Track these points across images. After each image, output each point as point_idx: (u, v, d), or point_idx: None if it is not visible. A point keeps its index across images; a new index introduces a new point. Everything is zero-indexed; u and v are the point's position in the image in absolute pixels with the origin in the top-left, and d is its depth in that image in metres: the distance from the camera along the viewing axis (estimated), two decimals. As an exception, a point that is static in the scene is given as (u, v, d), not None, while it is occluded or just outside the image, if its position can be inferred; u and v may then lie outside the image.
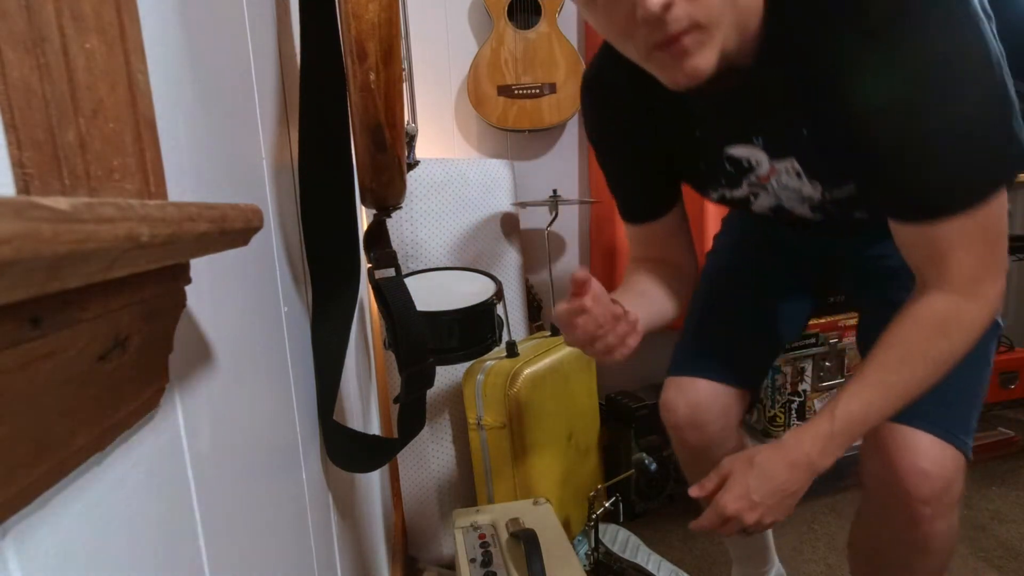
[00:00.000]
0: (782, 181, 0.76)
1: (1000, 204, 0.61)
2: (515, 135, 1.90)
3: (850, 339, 1.69)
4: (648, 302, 0.83)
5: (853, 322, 1.67)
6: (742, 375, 0.96)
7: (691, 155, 0.81)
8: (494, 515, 1.06)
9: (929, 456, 0.73)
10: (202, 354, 0.35)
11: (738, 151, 0.75)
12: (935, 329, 0.65)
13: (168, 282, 0.27)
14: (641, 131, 0.81)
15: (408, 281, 1.00)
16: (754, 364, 0.99)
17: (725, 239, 1.07)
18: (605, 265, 1.92)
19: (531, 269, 1.95)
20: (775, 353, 1.06)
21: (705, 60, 0.58)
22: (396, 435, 0.78)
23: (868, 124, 0.62)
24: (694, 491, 0.76)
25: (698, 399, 0.94)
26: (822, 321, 1.66)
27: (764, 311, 0.99)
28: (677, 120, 0.78)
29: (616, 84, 0.80)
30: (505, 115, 1.75)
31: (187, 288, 0.29)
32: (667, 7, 0.53)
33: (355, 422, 0.96)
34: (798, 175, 0.74)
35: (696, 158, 0.81)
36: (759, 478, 0.70)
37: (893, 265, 0.79)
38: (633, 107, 0.80)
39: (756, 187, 0.79)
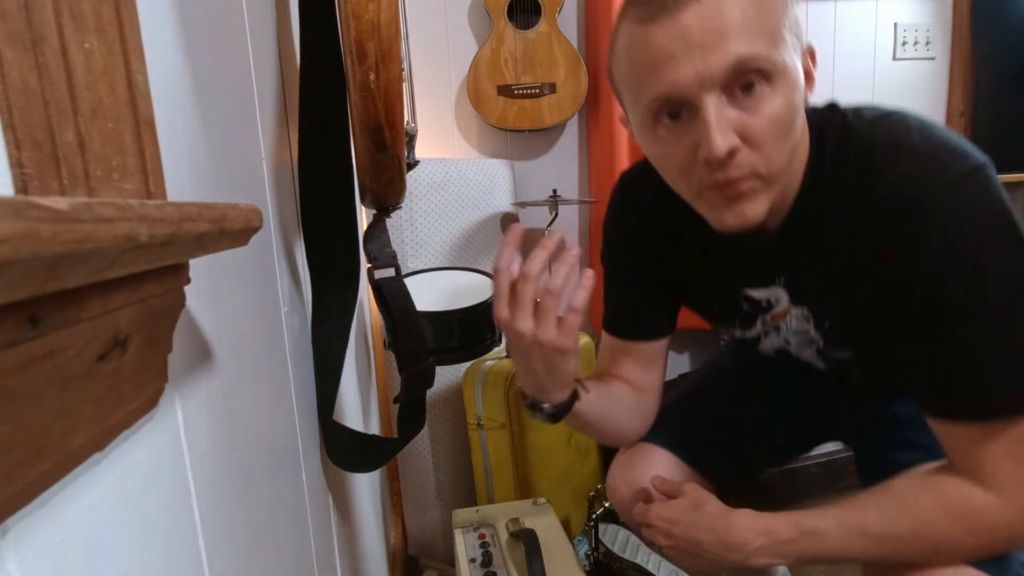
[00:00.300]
0: (792, 325, 0.74)
1: None
2: (515, 135, 1.90)
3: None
4: (608, 398, 0.79)
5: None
6: (705, 461, 0.87)
7: (707, 290, 0.79)
8: (494, 515, 1.06)
9: None
10: (202, 354, 0.35)
11: (757, 293, 0.74)
12: (959, 518, 0.58)
13: (167, 282, 0.27)
14: (661, 251, 0.79)
15: (408, 281, 1.00)
16: (721, 461, 0.89)
17: (726, 351, 1.03)
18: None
19: (531, 269, 1.95)
20: (743, 471, 0.94)
21: (757, 209, 0.58)
22: (396, 435, 0.78)
23: (907, 315, 0.59)
24: (655, 480, 0.77)
25: (645, 478, 0.84)
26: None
27: (744, 425, 0.90)
28: (700, 252, 0.75)
29: (650, 197, 0.77)
30: (505, 115, 1.75)
31: (187, 288, 0.29)
32: (732, 153, 0.54)
33: (355, 422, 0.96)
34: (806, 319, 0.72)
35: (712, 294, 0.79)
36: (691, 522, 0.69)
37: (902, 414, 0.75)
38: (660, 226, 0.77)
39: (768, 326, 0.77)
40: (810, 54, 0.60)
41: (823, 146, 0.62)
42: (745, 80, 0.53)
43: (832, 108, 0.64)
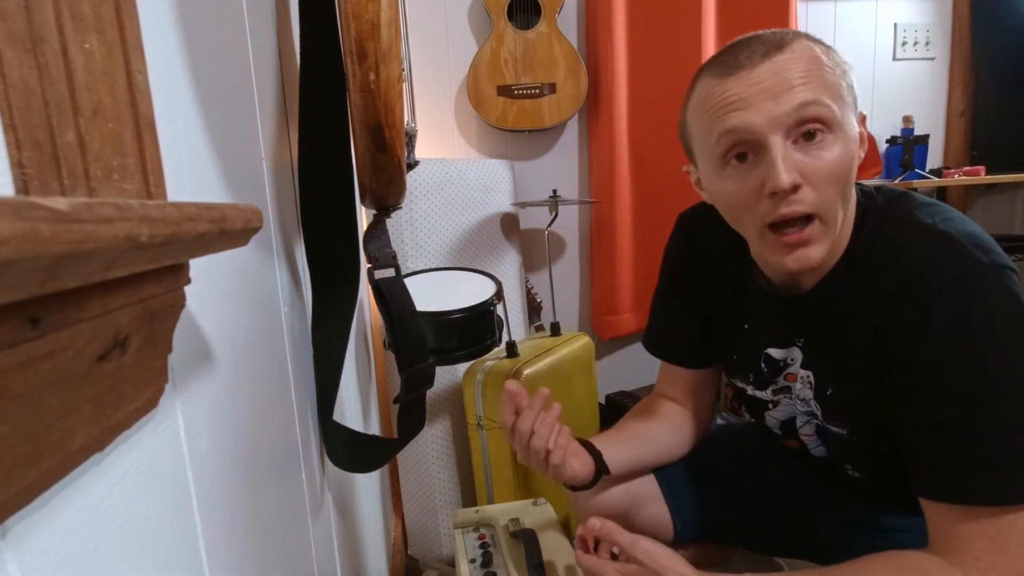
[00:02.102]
0: (796, 389, 0.77)
1: None
2: (515, 135, 1.90)
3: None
4: (642, 444, 0.87)
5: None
6: (681, 503, 0.89)
7: (730, 341, 0.84)
8: (494, 515, 1.06)
9: None
10: (202, 354, 0.35)
11: (777, 352, 0.77)
12: None
13: (168, 282, 0.27)
14: (703, 289, 0.85)
15: (408, 281, 1.00)
16: (695, 512, 0.90)
17: (732, 430, 1.04)
18: (605, 265, 1.92)
19: (531, 269, 1.95)
20: (713, 532, 0.94)
21: (818, 251, 0.63)
22: (396, 435, 0.78)
23: (903, 391, 0.62)
24: (604, 528, 0.70)
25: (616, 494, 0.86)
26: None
27: (730, 492, 0.92)
28: (733, 306, 0.81)
29: (704, 239, 0.83)
30: (505, 115, 1.75)
31: (187, 288, 0.29)
32: (796, 188, 0.60)
33: (355, 422, 0.96)
34: (810, 386, 0.75)
35: (733, 345, 0.83)
36: None
37: (887, 524, 0.76)
38: (708, 266, 0.83)
39: (780, 392, 0.79)
40: (862, 121, 0.65)
41: (864, 221, 0.67)
42: (808, 127, 0.60)
43: (880, 190, 0.70)
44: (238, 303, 0.43)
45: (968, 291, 0.57)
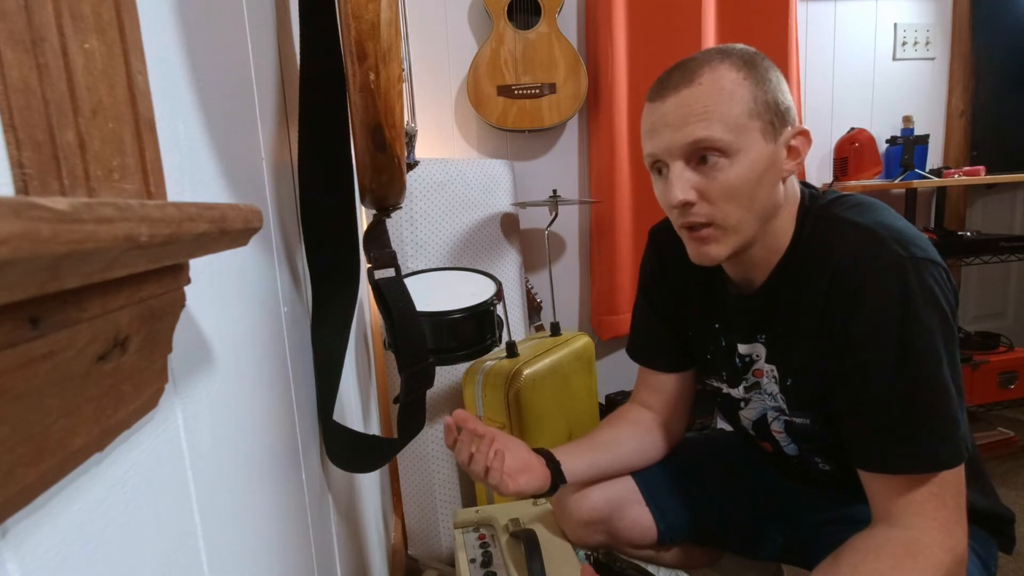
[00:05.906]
0: (764, 384, 0.82)
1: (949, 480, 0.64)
2: (515, 135, 1.90)
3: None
4: (607, 450, 0.93)
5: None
6: (661, 501, 0.93)
7: (703, 341, 0.89)
8: (494, 515, 1.06)
9: None
10: (202, 354, 0.35)
11: (744, 348, 0.82)
12: (905, 555, 0.63)
13: (167, 282, 0.27)
14: (676, 296, 0.91)
15: (408, 281, 1.00)
16: (681, 512, 0.94)
17: (711, 435, 1.08)
18: (605, 265, 1.92)
19: (531, 269, 1.95)
20: (697, 530, 0.97)
21: (717, 251, 0.72)
22: (396, 435, 0.78)
23: (842, 377, 0.68)
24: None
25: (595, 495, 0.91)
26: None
27: (709, 491, 0.95)
28: (704, 308, 0.87)
29: (671, 248, 0.89)
30: (505, 115, 1.75)
31: (187, 288, 0.29)
32: (686, 204, 0.70)
33: (355, 422, 0.96)
34: (775, 380, 0.79)
35: (706, 345, 0.88)
36: None
37: (859, 517, 0.77)
38: (678, 273, 0.90)
39: (751, 389, 0.84)
40: (802, 134, 0.72)
41: (805, 220, 0.74)
42: (701, 154, 0.69)
43: (825, 192, 0.77)
44: (238, 303, 0.43)
45: (887, 284, 0.64)
